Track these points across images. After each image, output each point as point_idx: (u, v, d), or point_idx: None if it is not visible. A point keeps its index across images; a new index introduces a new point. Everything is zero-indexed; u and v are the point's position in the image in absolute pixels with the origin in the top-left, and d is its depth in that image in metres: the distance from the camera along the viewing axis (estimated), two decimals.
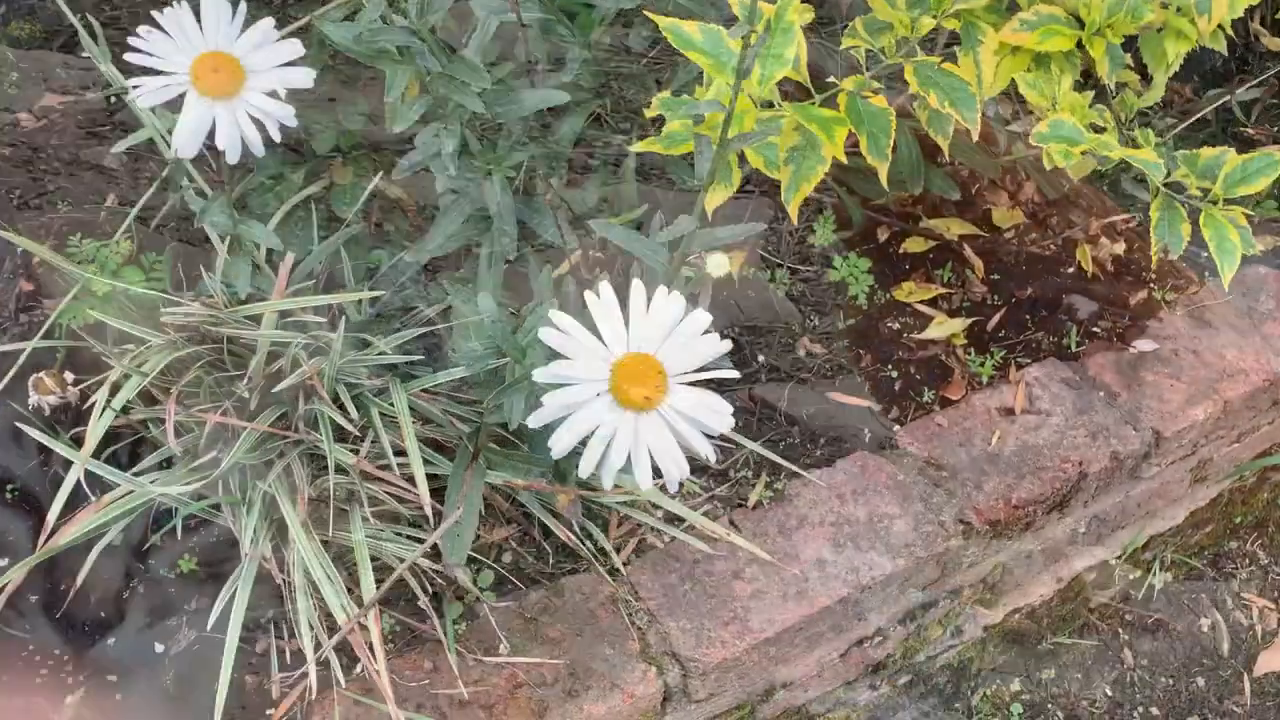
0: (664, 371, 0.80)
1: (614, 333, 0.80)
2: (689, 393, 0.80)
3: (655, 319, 0.80)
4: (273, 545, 1.22)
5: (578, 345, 0.79)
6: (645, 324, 0.81)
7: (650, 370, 0.80)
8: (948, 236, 1.55)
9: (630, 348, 0.80)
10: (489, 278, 1.28)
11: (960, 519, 1.32)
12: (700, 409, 0.80)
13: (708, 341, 0.81)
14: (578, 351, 0.79)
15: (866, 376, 1.43)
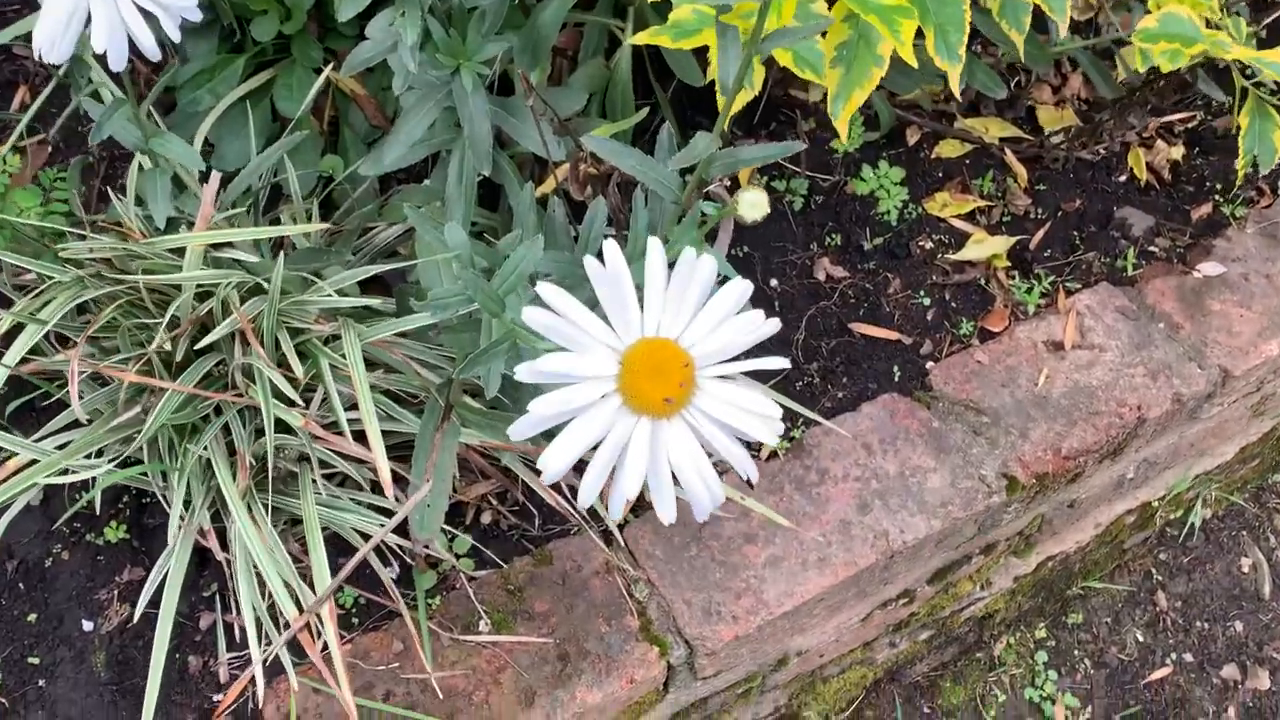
0: (691, 363, 0.59)
1: (623, 311, 0.59)
2: (723, 390, 0.60)
3: (679, 291, 0.59)
4: (212, 514, 1.02)
5: (575, 330, 0.58)
6: (666, 298, 0.59)
7: (672, 362, 0.59)
8: (987, 140, 1.32)
9: (645, 331, 0.59)
10: (459, 195, 1.05)
11: (1003, 472, 1.13)
12: (738, 413, 0.59)
13: (749, 321, 0.60)
14: (575, 338, 0.58)
15: (896, 305, 1.22)
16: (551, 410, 0.57)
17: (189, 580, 1.09)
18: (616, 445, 0.58)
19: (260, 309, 0.94)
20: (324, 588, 0.93)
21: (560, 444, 0.57)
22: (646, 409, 0.58)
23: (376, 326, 0.95)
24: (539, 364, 0.56)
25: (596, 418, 0.58)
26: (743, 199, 0.70)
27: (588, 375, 0.58)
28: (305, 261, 1.02)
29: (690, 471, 0.59)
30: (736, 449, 0.59)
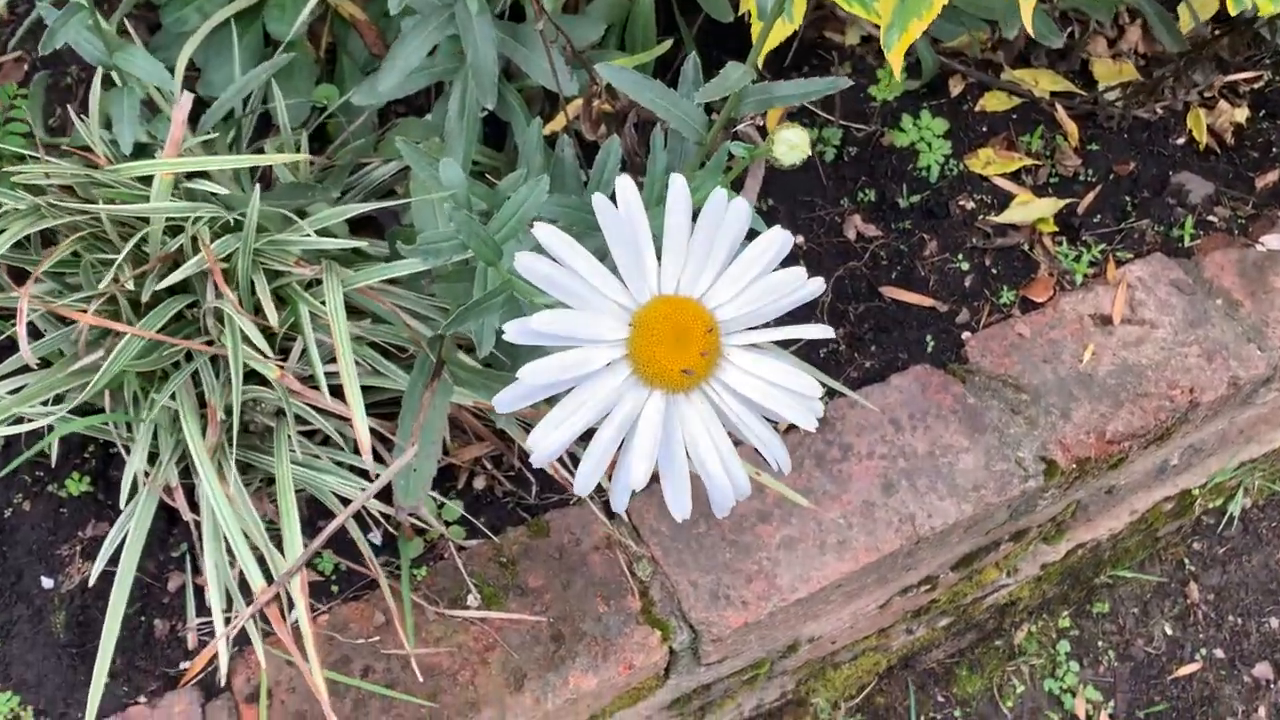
0: (715, 328, 0.48)
1: (637, 262, 0.48)
2: (753, 362, 0.49)
3: (706, 241, 0.48)
4: (182, 470, 0.92)
5: (578, 283, 0.47)
6: (689, 248, 0.49)
7: (694, 326, 0.48)
8: (1036, 93, 1.20)
9: (662, 287, 0.49)
10: (460, 130, 0.94)
11: (1042, 455, 1.03)
12: (770, 389, 0.49)
13: (788, 279, 0.49)
14: (578, 293, 0.47)
15: (931, 269, 1.11)
16: (545, 379, 0.46)
17: (156, 539, 1.00)
18: (623, 424, 0.47)
19: (234, 248, 0.84)
20: (296, 555, 0.83)
21: (554, 420, 0.47)
22: (661, 381, 0.48)
23: (362, 272, 0.84)
24: (532, 321, 0.46)
25: (600, 390, 0.47)
26: (780, 138, 0.59)
27: (591, 338, 0.47)
28: (288, 198, 0.91)
29: (710, 457, 0.48)
30: (766, 432, 0.49)
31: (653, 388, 0.48)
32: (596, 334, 0.47)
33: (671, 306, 0.48)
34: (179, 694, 0.94)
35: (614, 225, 0.47)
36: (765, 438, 0.48)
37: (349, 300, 0.95)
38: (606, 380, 0.47)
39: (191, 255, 0.84)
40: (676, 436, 0.48)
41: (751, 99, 0.72)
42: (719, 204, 0.47)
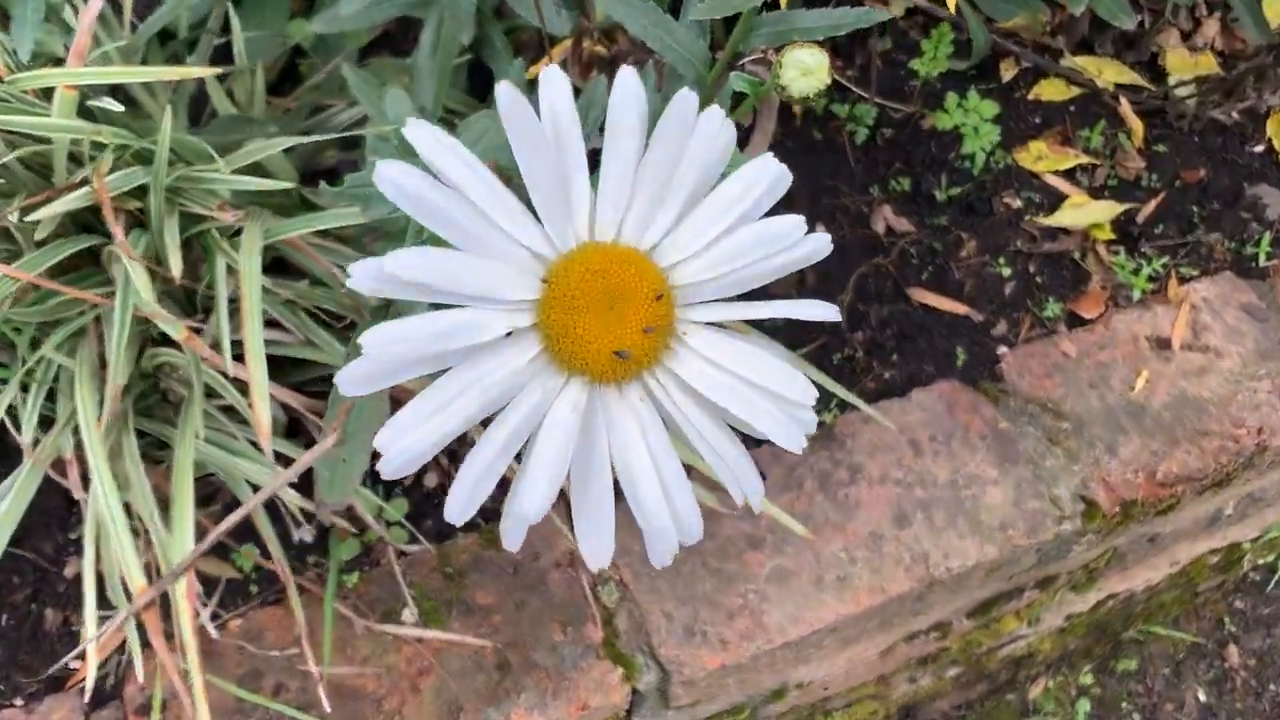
0: (668, 293, 0.32)
1: (560, 188, 0.32)
2: (719, 345, 0.33)
3: (664, 162, 0.32)
4: (76, 443, 0.77)
5: (467, 211, 0.31)
6: (638, 173, 0.32)
7: (637, 288, 0.32)
8: (1099, 84, 1.03)
9: (596, 231, 0.32)
10: (430, 69, 0.78)
11: (1081, 494, 0.86)
12: (740, 388, 0.32)
13: (778, 229, 0.33)
14: (467, 227, 0.31)
15: (968, 272, 0.94)
16: (406, 351, 0.30)
17: (55, 518, 0.84)
18: (523, 425, 0.31)
19: (145, 182, 0.68)
20: (185, 552, 0.68)
21: (417, 413, 0.30)
22: (582, 366, 0.32)
23: (289, 221, 0.68)
24: (388, 263, 0.30)
25: (491, 373, 0.31)
26: (791, 59, 0.42)
27: (481, 294, 0.31)
28: (222, 132, 0.76)
29: (645, 481, 0.32)
30: (730, 449, 0.33)
31: (570, 374, 0.32)
32: (489, 289, 0.31)
33: (606, 259, 0.32)
34: (60, 699, 0.78)
35: (527, 135, 0.31)
36: (729, 457, 0.32)
37: (286, 259, 0.79)
38: (502, 358, 0.31)
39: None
40: (599, 448, 0.32)
41: (764, 29, 0.55)
42: (684, 109, 0.31)
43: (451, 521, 0.31)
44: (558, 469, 0.30)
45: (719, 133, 0.31)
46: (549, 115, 0.31)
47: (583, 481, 0.31)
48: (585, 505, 0.31)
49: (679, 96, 0.31)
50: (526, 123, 0.30)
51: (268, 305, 0.74)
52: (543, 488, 0.30)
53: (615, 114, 0.31)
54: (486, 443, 0.31)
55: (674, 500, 0.32)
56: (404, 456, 0.30)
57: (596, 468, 0.31)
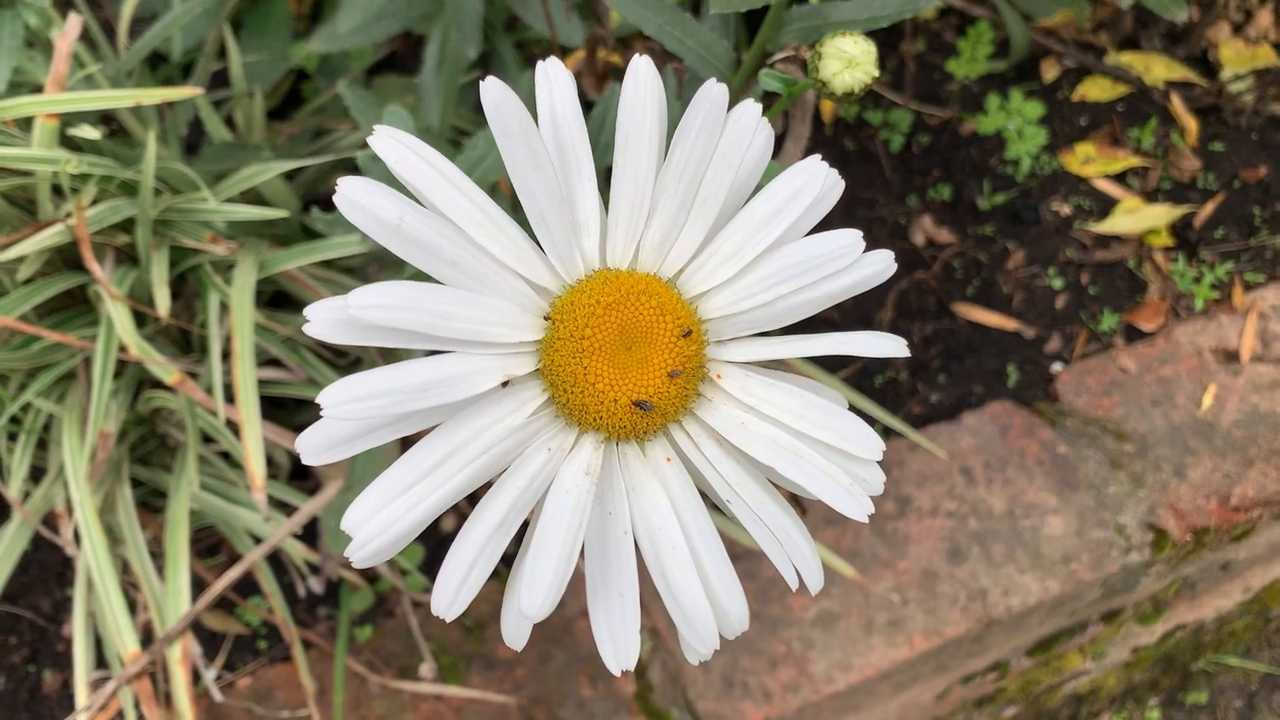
0: (698, 329, 0.26)
1: (562, 206, 0.26)
2: (764, 391, 0.27)
3: (688, 171, 0.26)
4: (68, 495, 0.72)
5: (452, 237, 0.25)
6: (656, 186, 0.26)
7: (660, 324, 0.26)
8: (1147, 81, 0.96)
9: (609, 256, 0.26)
10: (436, 86, 0.73)
11: (1149, 522, 0.78)
12: (794, 444, 0.26)
13: (829, 248, 0.27)
14: (452, 255, 0.25)
15: (1016, 285, 0.87)
16: (378, 409, 0.24)
17: (53, 573, 0.79)
18: (524, 497, 0.25)
19: (132, 214, 0.63)
20: (180, 612, 0.62)
21: (394, 483, 0.24)
22: (596, 420, 0.26)
23: (286, 252, 0.62)
24: (353, 300, 0.24)
25: (485, 432, 0.25)
26: (830, 50, 0.36)
27: (471, 337, 0.25)
28: (216, 160, 0.70)
29: (677, 562, 0.26)
30: (780, 517, 0.26)
31: (581, 431, 0.26)
32: (480, 330, 0.24)
33: (621, 290, 0.26)
34: None
35: (521, 141, 0.25)
36: (779, 528, 0.26)
37: (287, 293, 0.74)
38: (497, 414, 0.25)
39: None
40: (619, 521, 0.26)
41: (795, 24, 0.49)
42: (713, 103, 0.25)
43: (440, 616, 0.25)
44: (568, 550, 0.24)
45: (754, 131, 0.25)
46: (548, 117, 0.25)
47: (600, 563, 0.25)
48: (604, 593, 0.25)
49: (705, 89, 0.25)
50: (519, 126, 0.24)
51: (267, 342, 0.68)
52: (550, 576, 0.24)
53: (628, 111, 0.25)
54: (480, 519, 0.25)
55: (712, 582, 0.25)
56: (380, 540, 0.24)
57: (616, 546, 0.25)
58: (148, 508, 0.75)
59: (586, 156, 0.25)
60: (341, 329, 0.24)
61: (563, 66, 0.26)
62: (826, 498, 0.26)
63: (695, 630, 0.25)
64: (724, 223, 0.27)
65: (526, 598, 0.23)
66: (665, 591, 0.25)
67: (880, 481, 0.26)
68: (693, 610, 0.25)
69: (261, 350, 0.69)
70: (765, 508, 0.26)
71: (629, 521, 0.25)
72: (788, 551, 0.26)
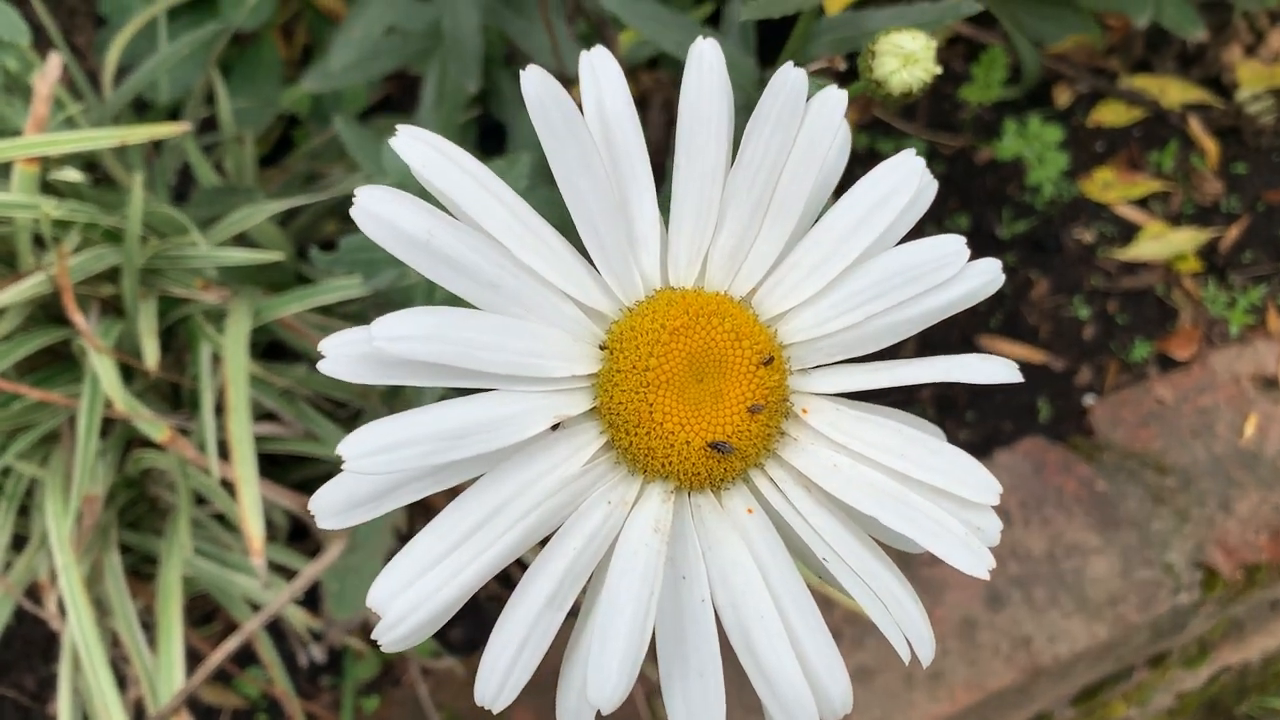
0: (779, 355, 0.22)
1: (617, 217, 0.22)
2: (855, 423, 0.22)
3: (761, 173, 0.22)
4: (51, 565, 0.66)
5: (489, 254, 0.21)
6: (725, 190, 0.22)
7: (735, 350, 0.22)
8: (1163, 104, 0.93)
9: (671, 273, 0.22)
10: (435, 124, 0.69)
11: (1198, 560, 0.74)
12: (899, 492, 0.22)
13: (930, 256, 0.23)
14: (491, 276, 0.21)
15: (1041, 315, 0.83)
16: (407, 461, 0.20)
17: (37, 649, 0.74)
18: (580, 559, 0.21)
19: (117, 262, 0.58)
20: (173, 690, 0.57)
21: (426, 552, 0.20)
22: (665, 467, 0.22)
23: (281, 298, 0.58)
24: (377, 331, 0.20)
25: (533, 485, 0.21)
26: (885, 47, 0.33)
27: (514, 371, 0.21)
28: (206, 205, 0.66)
29: (764, 631, 0.21)
30: (883, 574, 0.22)
31: (647, 480, 0.21)
32: (525, 364, 0.20)
33: (688, 311, 0.22)
34: None
35: (570, 139, 0.21)
36: (883, 588, 0.21)
37: (283, 343, 0.70)
38: (548, 463, 0.21)
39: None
40: (695, 590, 0.21)
41: (827, 35, 0.45)
42: (790, 88, 0.21)
43: (485, 706, 0.21)
44: (640, 624, 0.20)
45: (839, 122, 0.21)
46: (595, 116, 0.21)
47: (675, 637, 0.21)
48: (681, 672, 0.21)
49: (782, 74, 0.21)
50: (566, 121, 0.20)
51: (262, 395, 0.64)
52: (621, 657, 0.19)
53: (692, 104, 0.21)
54: (529, 589, 0.20)
55: (809, 657, 0.21)
56: (414, 618, 0.19)
57: (693, 616, 0.21)
58: (139, 575, 0.70)
59: (642, 158, 0.21)
60: (362, 365, 0.20)
61: (611, 56, 0.22)
62: (941, 552, 0.21)
63: (790, 714, 0.21)
64: (804, 232, 0.23)
65: (595, 683, 0.19)
66: (753, 669, 0.21)
67: (997, 530, 0.22)
68: (789, 693, 0.20)
69: (257, 404, 0.65)
70: (868, 566, 0.21)
71: (707, 587, 0.21)
72: (896, 618, 0.22)
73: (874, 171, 0.23)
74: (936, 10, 0.44)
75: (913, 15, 0.45)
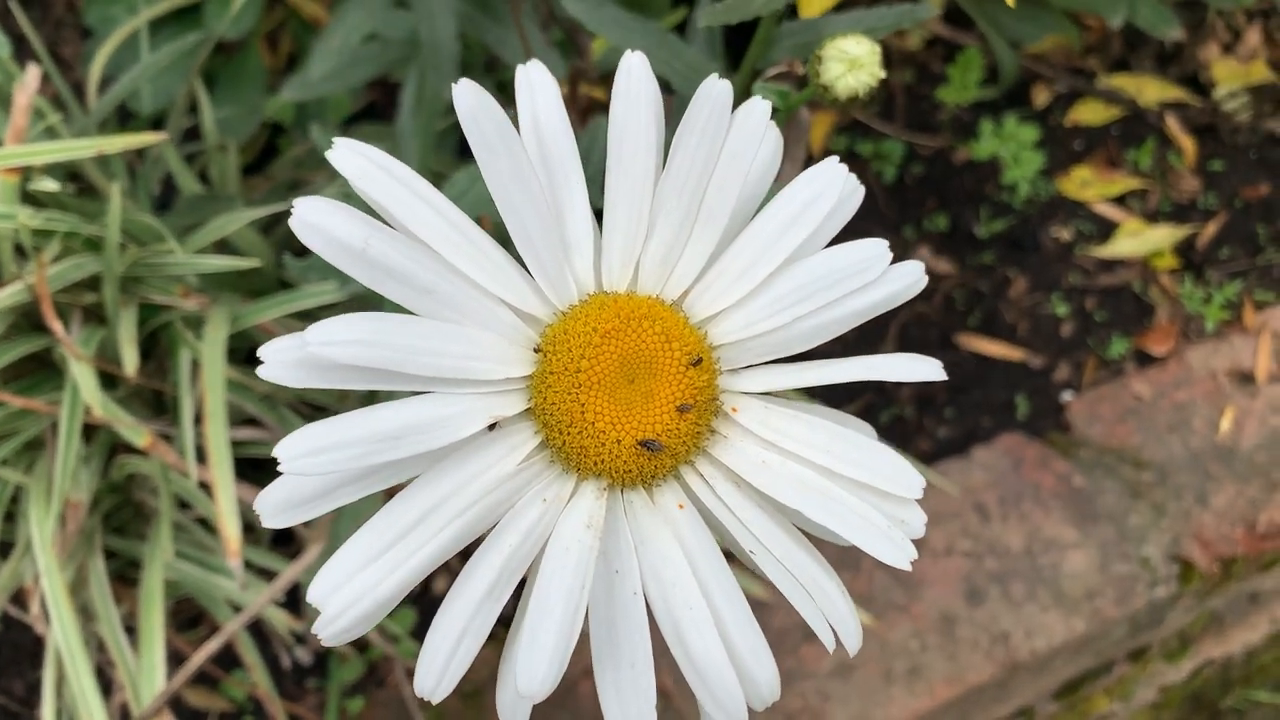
0: (708, 356, 0.23)
1: (550, 223, 0.23)
2: (782, 420, 0.23)
3: (690, 177, 0.23)
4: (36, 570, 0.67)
5: (424, 261, 0.22)
6: (654, 196, 0.23)
7: (665, 352, 0.23)
8: (1140, 103, 0.94)
9: (604, 276, 0.23)
10: (414, 129, 0.70)
11: (1174, 554, 0.75)
12: (824, 487, 0.23)
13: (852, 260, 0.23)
14: (425, 282, 0.22)
15: (1020, 313, 0.84)
16: (343, 462, 0.21)
17: (25, 653, 0.75)
18: (516, 556, 0.22)
19: (97, 270, 0.59)
20: (154, 693, 0.58)
21: (364, 548, 0.21)
22: (597, 465, 0.22)
23: (257, 305, 0.59)
24: (311, 336, 0.20)
25: (470, 485, 0.22)
26: (831, 52, 0.33)
27: (450, 374, 0.21)
28: (187, 213, 0.67)
29: (694, 623, 0.22)
30: (810, 567, 0.23)
31: (580, 477, 0.22)
32: (460, 366, 0.21)
33: (620, 314, 0.22)
34: None
35: (501, 149, 0.22)
36: (809, 579, 0.22)
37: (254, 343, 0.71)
38: (483, 462, 0.22)
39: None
40: (627, 583, 0.22)
41: (787, 40, 0.46)
42: (716, 100, 0.22)
43: (424, 697, 0.22)
44: (570, 618, 0.21)
45: (763, 132, 0.22)
46: (530, 126, 0.22)
47: (607, 629, 0.21)
48: (612, 662, 0.21)
49: (707, 85, 0.22)
50: (499, 134, 0.21)
51: (243, 400, 0.65)
52: (551, 650, 0.20)
53: (621, 113, 0.22)
54: (467, 584, 0.21)
55: (737, 646, 0.22)
56: (352, 613, 0.20)
57: (625, 609, 0.22)
58: (124, 580, 0.71)
59: (575, 167, 0.22)
60: (300, 370, 0.21)
61: (545, 70, 0.23)
62: (863, 544, 0.22)
63: (719, 702, 0.22)
64: (732, 237, 0.23)
65: (524, 676, 0.20)
66: (683, 658, 0.22)
67: (922, 523, 0.23)
68: (716, 680, 0.21)
69: (238, 409, 0.66)
70: (794, 558, 0.22)
71: (639, 580, 0.22)
72: (821, 607, 0.23)
73: (798, 179, 0.24)
74: (893, 15, 0.45)
75: (870, 20, 0.46)
